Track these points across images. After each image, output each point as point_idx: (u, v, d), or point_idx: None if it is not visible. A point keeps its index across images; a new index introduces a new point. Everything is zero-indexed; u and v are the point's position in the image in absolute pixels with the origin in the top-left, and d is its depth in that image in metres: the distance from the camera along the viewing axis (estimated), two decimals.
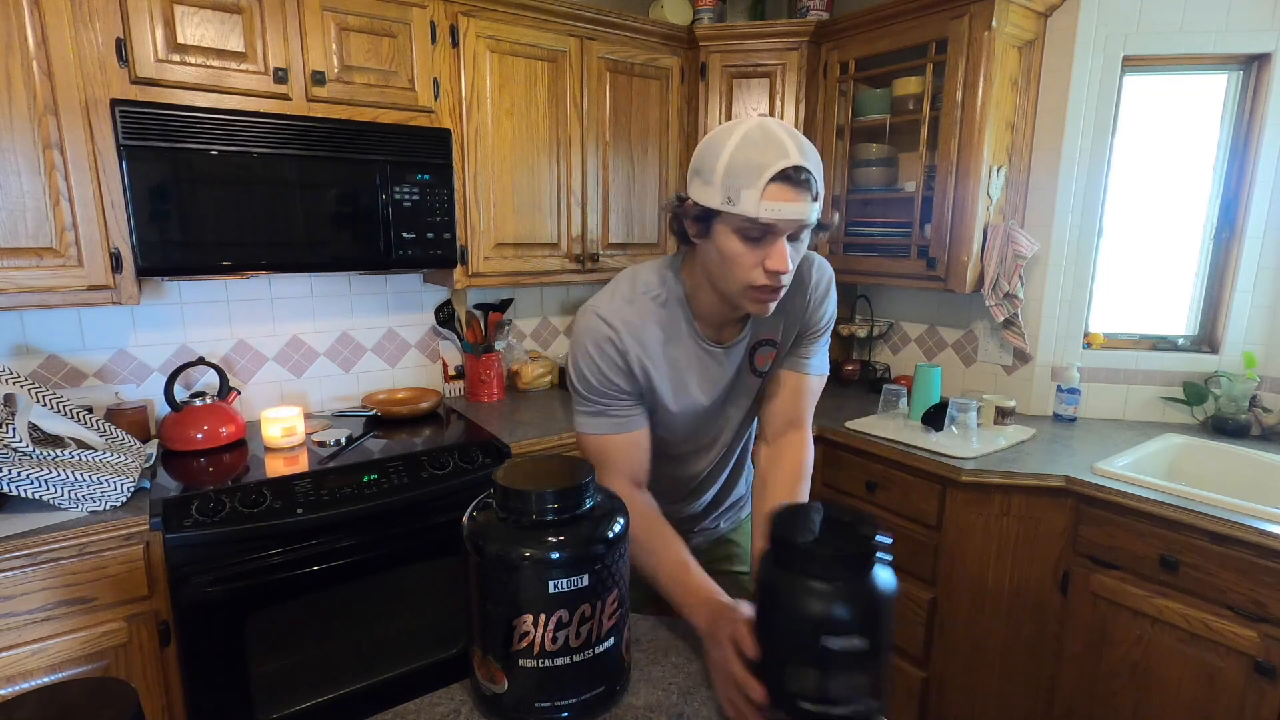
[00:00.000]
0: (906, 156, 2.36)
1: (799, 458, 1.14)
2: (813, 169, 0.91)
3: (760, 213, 0.90)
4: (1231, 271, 2.07)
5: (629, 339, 1.03)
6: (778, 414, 1.17)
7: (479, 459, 1.84)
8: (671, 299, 1.06)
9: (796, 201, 0.90)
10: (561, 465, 0.82)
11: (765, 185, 0.89)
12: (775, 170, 0.89)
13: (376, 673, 1.77)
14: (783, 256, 0.93)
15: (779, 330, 1.13)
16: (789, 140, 0.91)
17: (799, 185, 0.90)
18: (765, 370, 1.16)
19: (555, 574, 0.72)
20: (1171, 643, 1.59)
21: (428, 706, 0.87)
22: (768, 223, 0.91)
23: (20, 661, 1.35)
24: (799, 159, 0.90)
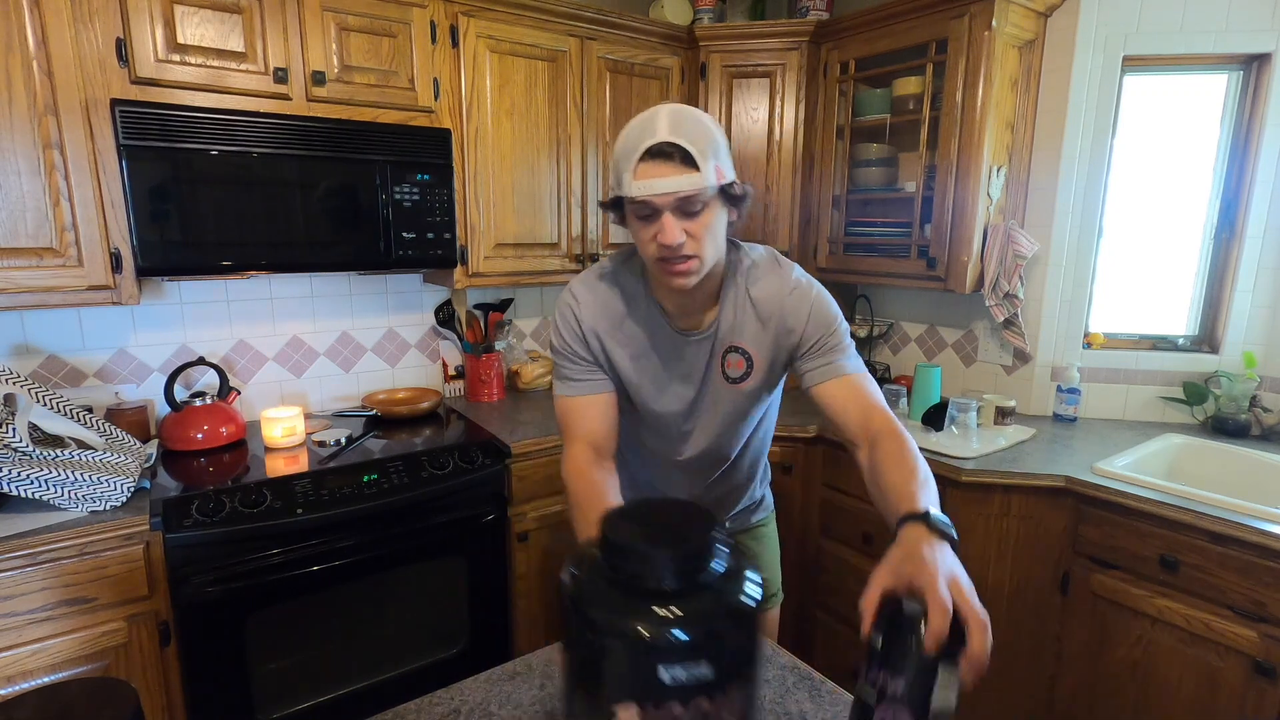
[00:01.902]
0: (906, 156, 2.36)
1: (897, 438, 0.98)
2: (685, 141, 0.94)
3: (633, 191, 0.95)
4: (1231, 271, 2.06)
5: (586, 309, 1.12)
6: (850, 417, 1.07)
7: (479, 459, 1.84)
8: (633, 277, 1.14)
9: (668, 176, 0.94)
10: (680, 512, 0.64)
11: (636, 165, 0.95)
12: (643, 149, 0.94)
13: (376, 673, 1.77)
14: (668, 230, 0.96)
15: (751, 341, 1.12)
16: (664, 120, 0.95)
17: (668, 159, 0.94)
18: (738, 377, 1.14)
19: (666, 659, 0.53)
20: (1172, 643, 1.59)
21: (428, 706, 0.87)
22: (643, 200, 0.96)
23: (20, 661, 1.35)
24: (666, 135, 0.93)
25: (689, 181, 0.94)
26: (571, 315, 1.13)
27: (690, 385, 1.16)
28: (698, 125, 0.96)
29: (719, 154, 0.98)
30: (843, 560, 2.15)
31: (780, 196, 2.43)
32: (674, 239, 0.97)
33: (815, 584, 2.24)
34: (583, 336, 1.12)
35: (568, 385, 1.14)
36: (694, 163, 0.94)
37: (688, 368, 1.15)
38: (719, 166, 0.98)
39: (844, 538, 2.15)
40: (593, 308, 1.13)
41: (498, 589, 1.91)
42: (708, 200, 0.98)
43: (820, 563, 2.22)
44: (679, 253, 0.98)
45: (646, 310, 1.13)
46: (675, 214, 0.97)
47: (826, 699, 0.89)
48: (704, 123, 0.97)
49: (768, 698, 0.88)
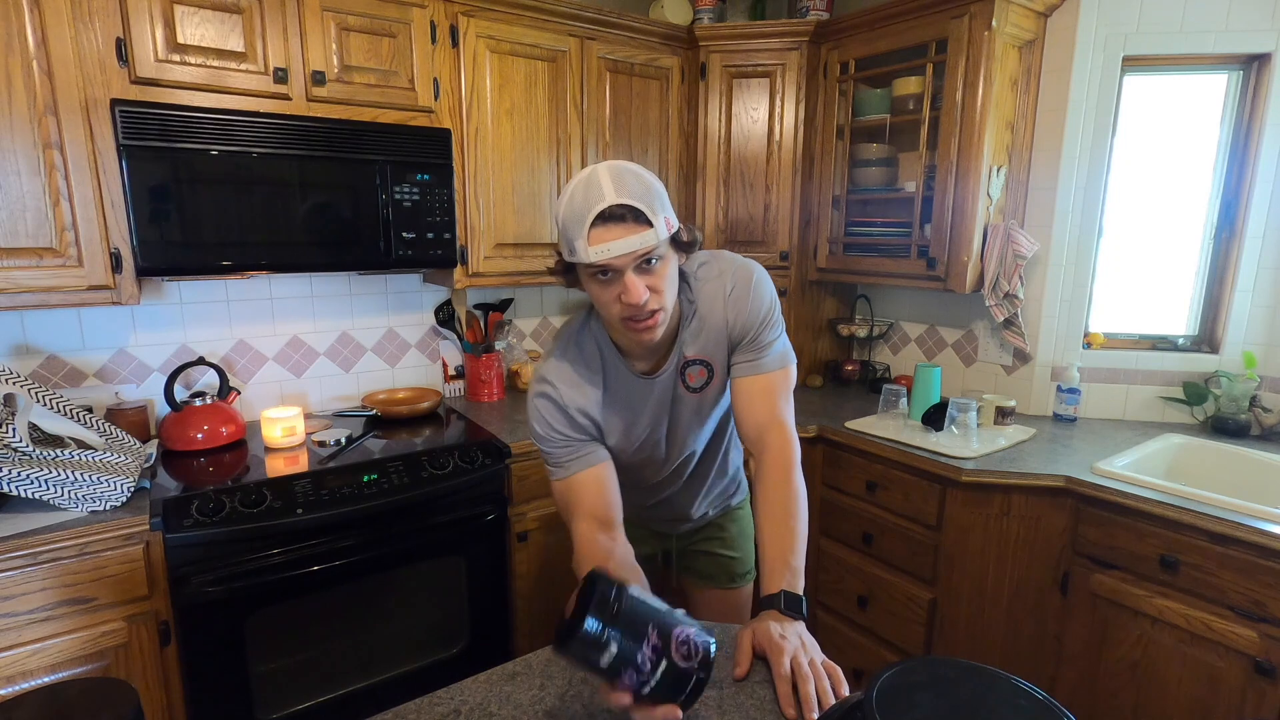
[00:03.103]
0: (906, 156, 2.36)
1: (779, 463, 1.10)
2: (635, 200, 0.96)
3: (591, 256, 0.96)
4: (1231, 271, 2.06)
5: (566, 392, 1.12)
6: (746, 422, 1.15)
7: (479, 459, 1.84)
8: (597, 344, 1.16)
9: (624, 237, 0.95)
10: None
11: (589, 231, 0.96)
12: (594, 214, 0.95)
13: (376, 673, 1.77)
14: (632, 289, 0.98)
15: (707, 349, 1.15)
16: (609, 184, 0.96)
17: (622, 220, 0.95)
18: (699, 386, 1.17)
19: None
20: (1171, 643, 1.59)
21: (428, 706, 0.87)
22: (602, 263, 0.97)
23: (20, 661, 1.35)
24: (615, 198, 0.95)
25: (645, 239, 0.96)
26: (552, 404, 1.12)
27: (663, 416, 1.19)
28: (639, 181, 0.98)
29: (664, 205, 1.00)
30: (842, 560, 2.15)
31: (780, 196, 2.43)
32: (640, 297, 0.99)
33: (815, 584, 2.24)
34: (571, 419, 1.12)
35: (560, 469, 1.13)
36: (646, 220, 0.96)
37: (657, 403, 1.17)
38: (667, 218, 1.00)
39: (844, 538, 2.15)
40: (571, 388, 1.13)
41: (498, 589, 1.91)
42: (664, 253, 1.00)
43: (820, 563, 2.22)
44: (645, 309, 1.01)
45: (614, 368, 1.15)
46: (635, 272, 0.99)
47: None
48: (644, 177, 1.00)
49: (767, 698, 0.88)
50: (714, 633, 0.83)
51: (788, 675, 0.86)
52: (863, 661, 2.11)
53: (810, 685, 0.84)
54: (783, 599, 0.97)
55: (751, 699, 0.88)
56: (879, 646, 2.08)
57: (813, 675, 0.86)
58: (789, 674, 0.86)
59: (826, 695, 0.85)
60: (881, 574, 2.04)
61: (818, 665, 0.88)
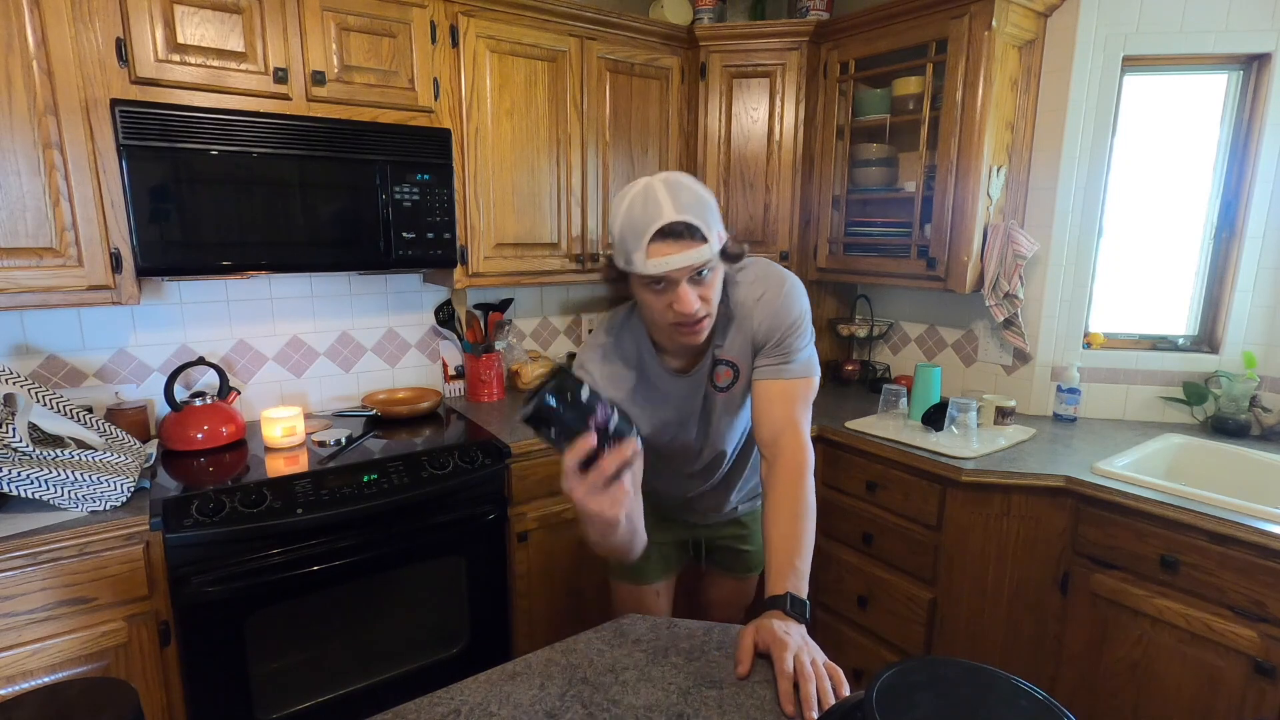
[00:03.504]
0: (906, 156, 2.36)
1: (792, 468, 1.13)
2: (693, 218, 1.02)
3: (649, 269, 1.03)
4: (1231, 271, 2.06)
5: (598, 369, 1.20)
6: (763, 424, 1.18)
7: (479, 459, 1.84)
8: (635, 341, 1.23)
9: (680, 252, 1.02)
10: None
11: (648, 245, 1.02)
12: (654, 230, 1.01)
13: (376, 673, 1.77)
14: (684, 300, 1.05)
15: (735, 350, 1.20)
16: (666, 199, 1.02)
17: (680, 237, 1.02)
18: (726, 386, 1.23)
19: None
20: (1171, 643, 1.59)
21: (428, 706, 0.87)
22: (660, 275, 1.03)
23: (20, 661, 1.35)
24: (674, 215, 1.01)
25: (700, 255, 1.03)
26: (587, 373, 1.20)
27: (693, 413, 1.26)
28: (696, 198, 1.04)
29: (716, 219, 1.07)
30: (842, 560, 2.15)
31: (780, 196, 2.43)
32: (692, 307, 1.06)
33: (815, 584, 2.24)
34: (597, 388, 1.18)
35: None
36: (702, 236, 1.03)
37: (687, 400, 1.24)
38: (719, 232, 1.07)
39: (844, 538, 2.15)
40: (606, 379, 1.20)
41: (498, 589, 1.91)
42: (715, 265, 1.08)
43: (820, 563, 2.22)
44: (695, 317, 1.08)
45: (650, 367, 1.22)
46: (688, 283, 1.05)
47: None
48: (699, 193, 1.06)
49: (767, 698, 0.88)
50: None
51: (790, 672, 0.87)
52: (863, 661, 2.11)
53: (811, 685, 0.85)
54: (788, 600, 0.99)
55: (751, 699, 0.88)
56: (879, 646, 2.08)
57: (814, 675, 0.87)
58: (791, 671, 0.87)
59: (827, 696, 0.85)
60: (881, 574, 2.04)
61: (819, 665, 0.89)
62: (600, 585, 2.11)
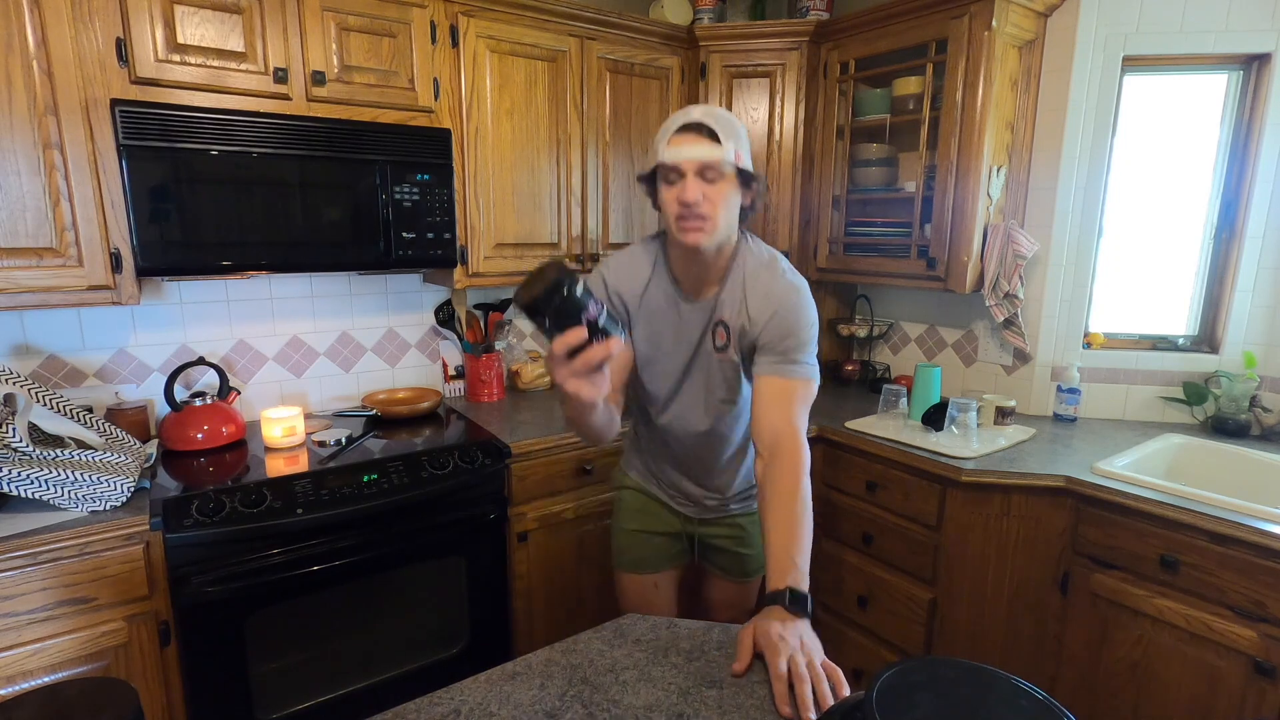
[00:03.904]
0: (906, 156, 2.36)
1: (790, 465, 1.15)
2: (712, 122, 1.15)
3: (666, 156, 1.17)
4: (1231, 271, 2.07)
5: (613, 274, 1.33)
6: (763, 420, 1.21)
7: (479, 459, 1.84)
8: (655, 254, 1.34)
9: (695, 144, 1.15)
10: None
11: (671, 136, 1.17)
12: (678, 125, 1.17)
13: (376, 673, 1.77)
14: (689, 188, 1.16)
15: (730, 314, 1.29)
16: (699, 108, 1.18)
17: (698, 132, 1.15)
18: (722, 346, 1.31)
19: None
20: (1171, 643, 1.59)
21: (428, 706, 0.87)
22: (673, 164, 1.16)
23: (20, 661, 1.35)
24: (698, 116, 1.16)
25: (712, 151, 1.14)
26: (600, 278, 1.33)
27: (685, 348, 1.33)
28: (725, 116, 1.18)
29: (740, 142, 1.18)
30: (842, 560, 2.15)
31: (780, 196, 2.43)
32: (693, 196, 1.15)
33: (815, 584, 2.23)
34: (607, 295, 1.32)
35: None
36: (718, 139, 1.14)
37: (686, 333, 1.32)
38: (739, 151, 1.17)
39: (844, 538, 2.15)
40: (619, 273, 1.33)
41: (498, 589, 1.91)
42: (725, 173, 1.16)
43: (820, 562, 2.22)
44: (695, 210, 1.16)
45: (662, 279, 1.32)
46: (697, 179, 1.16)
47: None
48: (730, 117, 1.18)
49: (767, 698, 0.88)
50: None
51: (784, 675, 0.88)
52: (863, 661, 2.12)
53: (806, 686, 0.86)
54: (787, 596, 1.01)
55: (751, 699, 0.88)
56: (879, 646, 2.08)
57: (810, 677, 0.87)
58: (785, 674, 0.88)
59: (825, 697, 0.85)
60: (881, 574, 2.04)
61: (816, 666, 0.89)
62: (600, 585, 2.11)
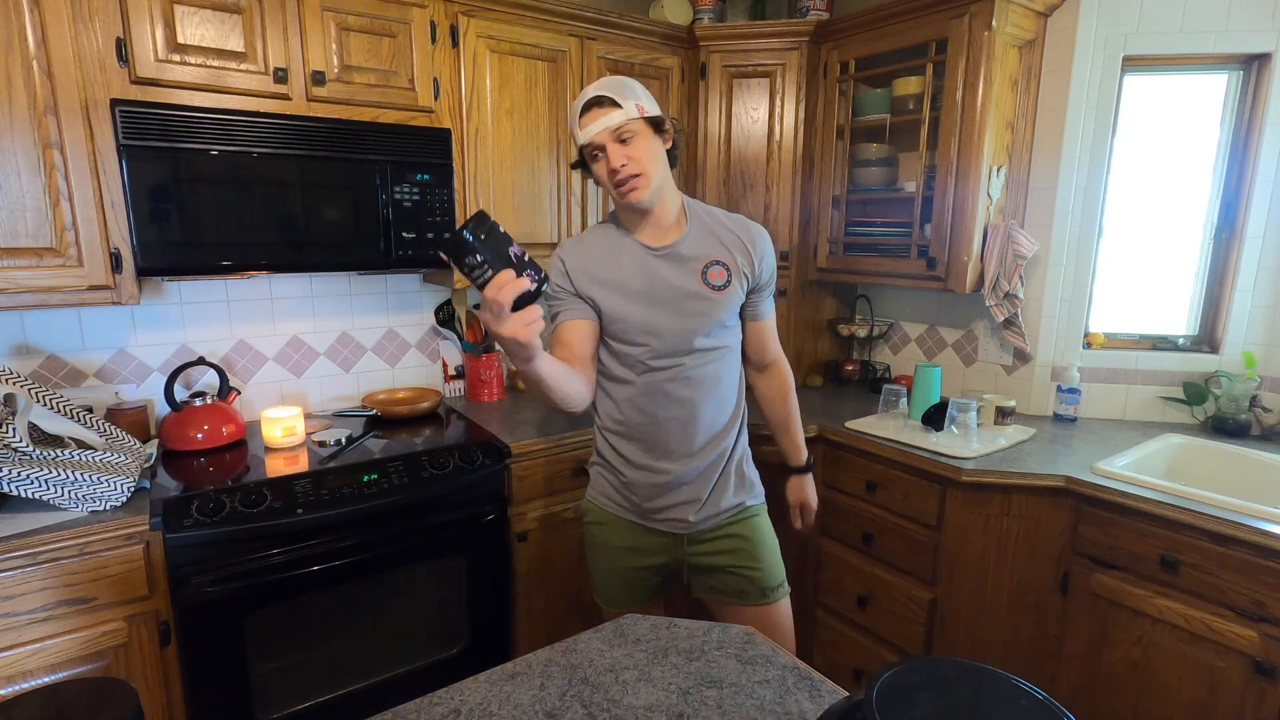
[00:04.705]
0: (906, 156, 2.36)
1: (782, 376, 1.58)
2: (606, 92, 1.26)
3: (580, 139, 1.30)
4: (1231, 271, 2.06)
5: (567, 257, 1.39)
6: (754, 349, 1.53)
7: (479, 459, 1.84)
8: (610, 227, 1.43)
9: (601, 117, 1.26)
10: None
11: (579, 119, 1.29)
12: (580, 106, 1.29)
13: (376, 673, 1.77)
14: (612, 157, 1.27)
15: (724, 253, 1.39)
16: (590, 86, 1.29)
17: (599, 105, 1.27)
18: (721, 285, 1.37)
19: None
20: (1172, 643, 1.59)
21: (428, 706, 0.87)
22: (589, 142, 1.28)
23: (20, 661, 1.35)
24: (594, 92, 1.27)
25: (615, 116, 1.26)
26: (559, 262, 1.40)
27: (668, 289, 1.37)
28: (616, 79, 1.29)
29: (637, 95, 1.28)
30: (842, 560, 2.15)
31: (780, 196, 2.43)
32: (617, 163, 1.27)
33: (815, 583, 2.24)
34: (567, 274, 1.38)
35: (555, 316, 1.40)
36: (616, 103, 1.26)
37: (664, 275, 1.37)
38: (639, 104, 1.28)
39: (844, 538, 2.15)
40: (574, 254, 1.40)
41: (498, 589, 1.91)
42: (636, 129, 1.27)
43: (820, 562, 2.22)
44: (625, 174, 1.28)
45: (620, 242, 1.39)
46: (616, 145, 1.27)
47: (826, 699, 0.89)
48: (621, 78, 1.30)
49: (767, 698, 0.88)
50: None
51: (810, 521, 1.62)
52: (863, 661, 2.12)
53: (811, 515, 1.63)
54: (808, 463, 1.63)
55: (751, 699, 0.88)
56: (879, 646, 2.07)
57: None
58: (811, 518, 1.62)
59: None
60: (881, 574, 2.04)
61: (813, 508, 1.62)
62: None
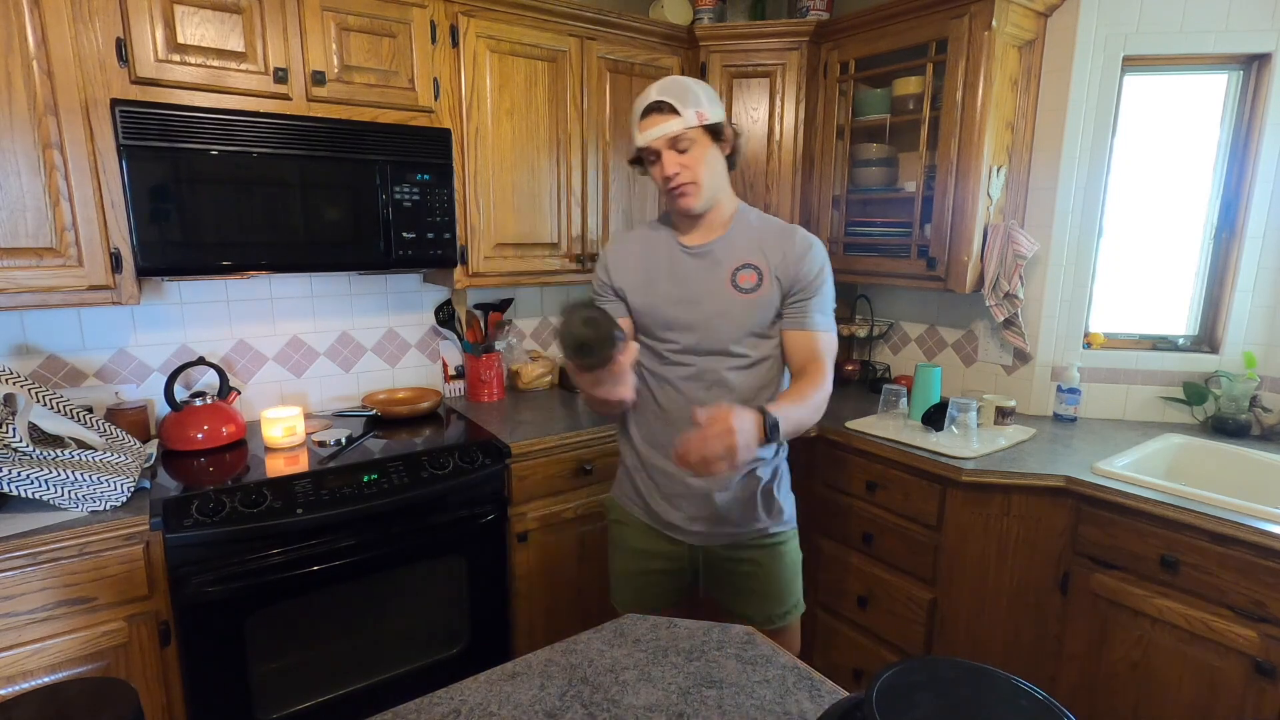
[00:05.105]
0: (906, 156, 2.36)
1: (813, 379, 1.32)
2: (669, 98, 1.26)
3: (639, 142, 1.31)
4: (1231, 271, 2.06)
5: (609, 252, 1.47)
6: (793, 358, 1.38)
7: (479, 459, 1.84)
8: (658, 223, 1.47)
9: (659, 124, 1.27)
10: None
11: (638, 122, 1.30)
12: (640, 109, 1.30)
13: (376, 673, 1.77)
14: (666, 164, 1.29)
15: (758, 256, 1.36)
16: (655, 87, 1.29)
17: (659, 111, 1.27)
18: (749, 288, 1.35)
19: None
20: (1171, 643, 1.59)
21: (428, 706, 0.87)
22: (646, 146, 1.30)
23: (20, 661, 1.35)
24: (655, 96, 1.27)
25: (673, 124, 1.26)
26: (603, 257, 1.47)
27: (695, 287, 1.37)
28: (678, 83, 1.29)
29: (699, 102, 1.27)
30: (842, 560, 2.15)
31: (780, 196, 2.43)
32: (669, 170, 1.29)
33: (815, 584, 2.24)
34: (606, 267, 1.45)
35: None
36: (676, 110, 1.26)
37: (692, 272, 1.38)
38: (700, 111, 1.27)
39: (844, 538, 2.15)
40: (615, 248, 1.47)
41: (498, 589, 1.91)
42: (694, 138, 1.28)
43: (820, 563, 2.22)
44: (677, 182, 1.30)
45: (666, 240, 1.42)
46: (671, 152, 1.29)
47: (827, 699, 0.89)
48: (684, 81, 1.29)
49: (767, 698, 0.88)
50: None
51: (700, 434, 1.06)
52: (863, 661, 2.12)
53: (706, 446, 1.04)
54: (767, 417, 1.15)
55: (751, 699, 0.88)
56: (879, 646, 2.07)
57: (710, 446, 1.04)
58: (704, 432, 1.06)
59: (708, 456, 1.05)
60: (881, 574, 2.04)
61: (722, 444, 1.04)
62: (600, 585, 2.11)
